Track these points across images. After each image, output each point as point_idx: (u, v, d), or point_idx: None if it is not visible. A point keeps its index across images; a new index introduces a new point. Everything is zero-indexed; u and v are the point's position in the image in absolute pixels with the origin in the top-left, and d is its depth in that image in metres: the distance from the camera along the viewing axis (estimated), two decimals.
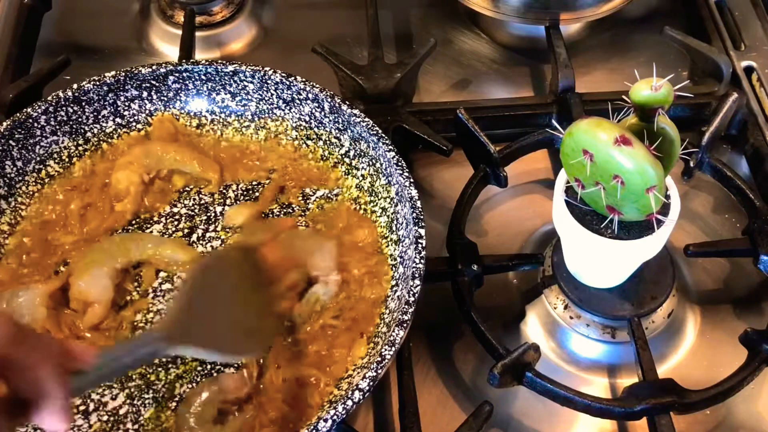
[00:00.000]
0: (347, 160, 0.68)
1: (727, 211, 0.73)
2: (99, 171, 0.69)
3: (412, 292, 0.54)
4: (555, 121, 0.75)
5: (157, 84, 0.70)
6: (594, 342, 0.64)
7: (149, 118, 0.71)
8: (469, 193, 0.68)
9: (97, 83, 0.67)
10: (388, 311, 0.59)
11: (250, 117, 0.71)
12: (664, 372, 0.62)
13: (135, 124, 0.71)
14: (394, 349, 0.52)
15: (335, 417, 0.49)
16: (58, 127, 0.67)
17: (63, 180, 0.68)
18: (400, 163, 0.62)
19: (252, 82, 0.69)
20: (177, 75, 0.70)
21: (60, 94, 0.67)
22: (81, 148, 0.69)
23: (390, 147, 0.63)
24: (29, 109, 0.65)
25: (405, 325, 0.53)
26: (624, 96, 0.51)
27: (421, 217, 0.59)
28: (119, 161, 0.68)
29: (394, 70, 0.76)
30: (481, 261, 0.63)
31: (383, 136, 0.63)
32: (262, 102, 0.70)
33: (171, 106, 0.71)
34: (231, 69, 0.69)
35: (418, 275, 0.55)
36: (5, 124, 0.64)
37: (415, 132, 0.72)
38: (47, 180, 0.68)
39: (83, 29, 0.88)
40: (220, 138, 0.71)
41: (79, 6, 0.90)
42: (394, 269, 0.62)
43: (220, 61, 0.69)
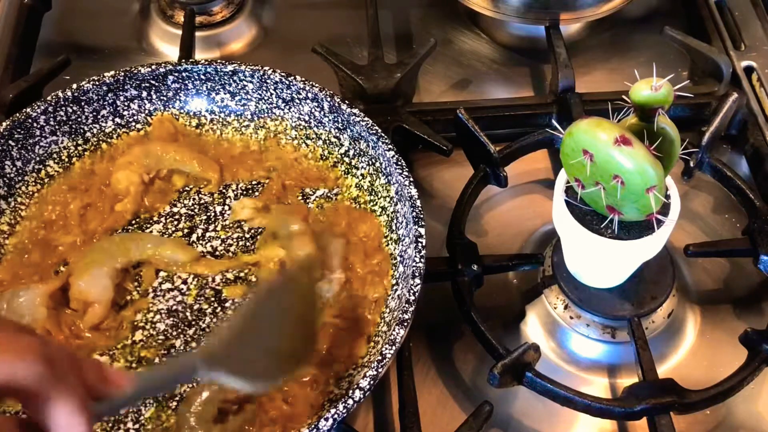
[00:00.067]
0: (347, 159, 0.68)
1: (727, 211, 0.73)
2: (99, 171, 0.69)
3: (412, 291, 0.54)
4: (555, 121, 0.75)
5: (157, 84, 0.70)
6: (594, 342, 0.64)
7: (149, 117, 0.71)
8: (469, 193, 0.68)
9: (97, 83, 0.67)
10: (388, 310, 0.59)
11: (249, 116, 0.71)
12: (664, 372, 0.62)
13: (134, 123, 0.71)
14: (394, 348, 0.52)
15: (336, 416, 0.49)
16: (57, 127, 0.67)
17: (63, 180, 0.68)
18: (399, 163, 0.62)
19: (251, 81, 0.69)
20: (176, 75, 0.70)
21: (59, 94, 0.66)
22: (80, 148, 0.69)
23: (389, 146, 0.63)
24: (29, 109, 0.65)
25: (405, 324, 0.53)
26: (624, 96, 0.51)
27: (421, 216, 0.59)
28: (119, 161, 0.68)
29: (394, 70, 0.76)
30: (481, 261, 0.63)
31: (383, 135, 0.63)
32: (261, 101, 0.70)
33: (170, 105, 0.71)
34: (230, 69, 0.69)
35: (418, 274, 0.55)
36: (5, 124, 0.64)
37: (415, 132, 0.72)
38: (47, 180, 0.67)
39: (83, 29, 0.88)
40: (219, 138, 0.71)
41: (79, 6, 0.90)
42: (394, 268, 0.62)
43: (219, 61, 0.69)
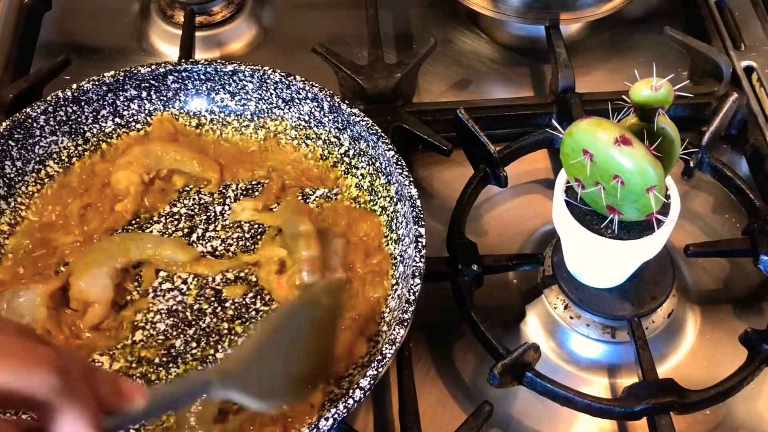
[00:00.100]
0: (347, 159, 0.68)
1: (727, 211, 0.73)
2: (99, 171, 0.69)
3: (412, 290, 0.54)
4: (555, 121, 0.75)
5: (157, 84, 0.70)
6: (594, 342, 0.64)
7: (149, 117, 0.71)
8: (469, 193, 0.67)
9: (97, 83, 0.67)
10: (388, 310, 0.59)
11: (249, 116, 0.71)
12: (664, 372, 0.62)
13: (134, 124, 0.71)
14: (394, 348, 0.52)
15: (336, 416, 0.49)
16: (57, 127, 0.67)
17: (63, 180, 0.68)
18: (399, 162, 0.62)
19: (251, 81, 0.69)
20: (176, 75, 0.70)
21: (59, 94, 0.66)
22: (80, 148, 0.69)
23: (389, 146, 0.63)
24: (28, 109, 0.65)
25: (405, 324, 0.53)
26: (624, 96, 0.51)
27: (421, 216, 0.59)
28: (119, 161, 0.68)
29: (394, 70, 0.76)
30: (481, 261, 0.63)
31: (383, 135, 0.63)
32: (261, 101, 0.70)
33: (170, 105, 0.71)
34: (230, 68, 0.69)
35: (418, 274, 0.55)
36: (5, 124, 0.64)
37: (415, 132, 0.72)
38: (47, 180, 0.67)
39: (83, 29, 0.88)
40: (219, 138, 0.71)
41: (79, 6, 0.90)
42: (394, 268, 0.62)
43: (219, 61, 0.69)
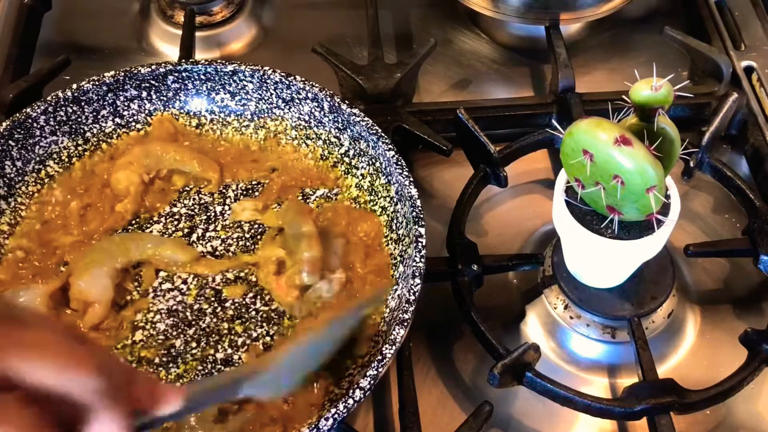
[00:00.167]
0: (347, 159, 0.68)
1: (727, 211, 0.73)
2: (99, 171, 0.69)
3: (412, 290, 0.54)
4: (555, 121, 0.75)
5: (157, 84, 0.70)
6: (594, 342, 0.64)
7: (149, 117, 0.71)
8: (469, 193, 0.67)
9: (97, 83, 0.67)
10: (388, 310, 0.59)
11: (249, 116, 0.71)
12: (664, 372, 0.62)
13: (134, 124, 0.71)
14: (394, 348, 0.52)
15: (336, 415, 0.49)
16: (57, 127, 0.67)
17: (63, 180, 0.68)
18: (399, 162, 0.62)
19: (251, 81, 0.69)
20: (176, 75, 0.70)
21: (59, 94, 0.66)
22: (80, 148, 0.69)
23: (390, 146, 0.63)
24: (28, 109, 0.65)
25: (405, 324, 0.53)
26: (624, 96, 0.51)
27: (421, 216, 0.59)
28: (119, 161, 0.68)
29: (394, 70, 0.76)
30: (481, 261, 0.63)
31: (383, 135, 0.63)
32: (261, 101, 0.70)
33: (170, 105, 0.71)
34: (230, 68, 0.69)
35: (418, 274, 0.55)
36: (5, 124, 0.64)
37: (415, 132, 0.72)
38: (47, 180, 0.67)
39: (83, 29, 0.88)
40: (219, 138, 0.71)
41: (79, 6, 0.90)
42: (394, 268, 0.62)
43: (219, 61, 0.69)
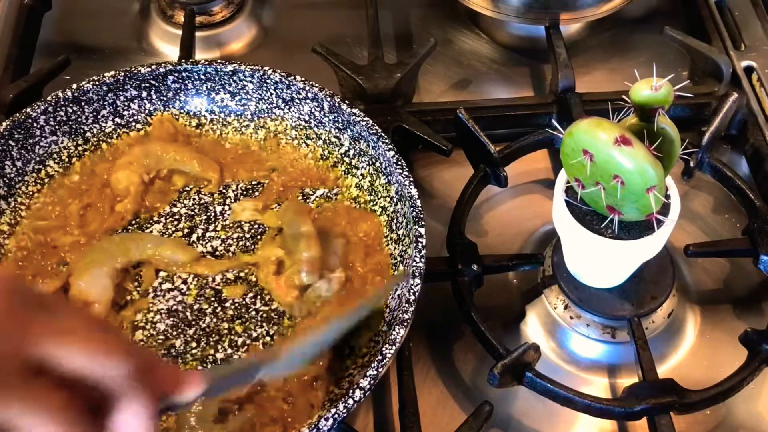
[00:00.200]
0: (347, 159, 0.68)
1: (727, 211, 0.73)
2: (99, 171, 0.69)
3: (412, 290, 0.54)
4: (555, 121, 0.75)
5: (157, 84, 0.70)
6: (594, 342, 0.64)
7: (149, 117, 0.71)
8: (469, 193, 0.67)
9: (97, 83, 0.67)
10: (388, 310, 0.59)
11: (249, 116, 0.71)
12: (664, 372, 0.62)
13: (134, 124, 0.71)
14: (394, 348, 0.52)
15: (336, 415, 0.49)
16: (57, 127, 0.67)
17: (63, 180, 0.68)
18: (399, 162, 0.62)
19: (251, 81, 0.69)
20: (176, 75, 0.70)
21: (59, 94, 0.66)
22: (80, 148, 0.69)
23: (390, 146, 0.63)
24: (28, 109, 0.65)
25: (405, 324, 0.53)
26: (624, 96, 0.51)
27: (421, 216, 0.59)
28: (119, 161, 0.68)
29: (394, 70, 0.76)
30: (481, 261, 0.63)
31: (383, 135, 0.63)
32: (261, 101, 0.70)
33: (170, 105, 0.71)
34: (230, 68, 0.69)
35: (418, 274, 0.55)
36: (5, 124, 0.64)
37: (415, 132, 0.72)
38: (47, 180, 0.67)
39: (83, 29, 0.88)
40: (219, 138, 0.71)
41: (79, 6, 0.90)
42: (394, 268, 0.62)
43: (219, 61, 0.69)
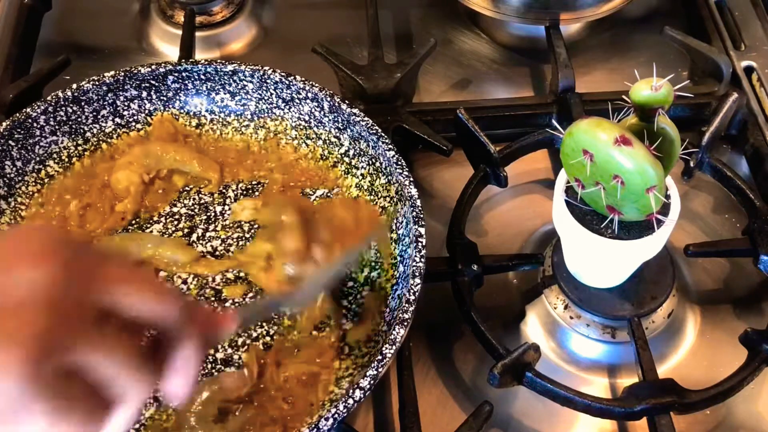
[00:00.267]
0: (347, 159, 0.68)
1: (727, 211, 0.73)
2: (99, 171, 0.69)
3: (412, 290, 0.54)
4: (555, 121, 0.75)
5: (157, 84, 0.70)
6: (594, 342, 0.64)
7: (149, 117, 0.71)
8: (469, 193, 0.67)
9: (97, 83, 0.67)
10: (388, 310, 0.59)
11: (249, 116, 0.71)
12: (664, 372, 0.62)
13: (134, 124, 0.71)
14: (394, 348, 0.52)
15: (336, 415, 0.49)
16: (57, 127, 0.67)
17: (63, 180, 0.68)
18: (399, 162, 0.62)
19: (251, 81, 0.69)
20: (176, 75, 0.70)
21: (59, 94, 0.66)
22: (80, 148, 0.69)
23: (390, 146, 0.63)
24: (28, 109, 0.65)
25: (406, 324, 0.53)
26: (624, 96, 0.51)
27: (421, 216, 0.59)
28: (119, 161, 0.68)
29: (394, 70, 0.76)
30: (481, 261, 0.63)
31: (383, 135, 0.63)
32: (261, 101, 0.70)
33: (170, 105, 0.71)
34: (230, 68, 0.69)
35: (418, 274, 0.55)
36: (5, 124, 0.64)
37: (415, 132, 0.72)
38: (47, 180, 0.67)
39: (83, 29, 0.88)
40: (219, 138, 0.71)
41: (79, 6, 0.90)
42: (394, 268, 0.62)
43: (219, 61, 0.69)
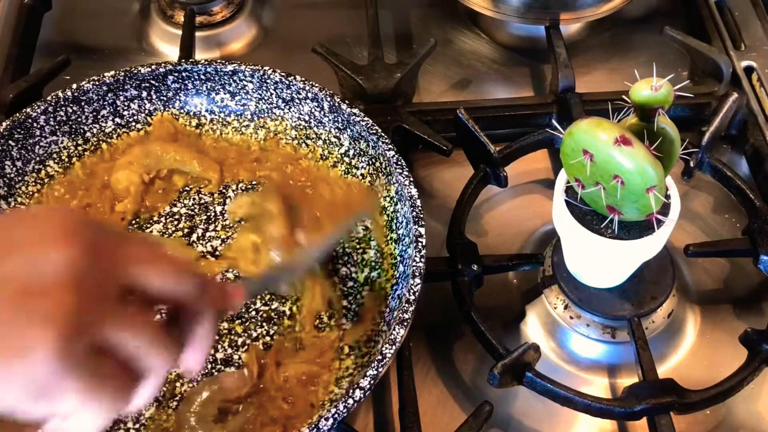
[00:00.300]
0: (347, 159, 0.68)
1: (727, 211, 0.73)
2: (99, 171, 0.68)
3: (412, 290, 0.54)
4: (555, 121, 0.75)
5: (157, 84, 0.70)
6: (594, 342, 0.64)
7: (149, 117, 0.71)
8: (469, 193, 0.67)
9: (97, 83, 0.67)
10: (388, 310, 0.59)
11: (249, 116, 0.71)
12: (664, 372, 0.62)
13: (134, 123, 0.71)
14: (394, 348, 0.52)
15: (336, 415, 0.49)
16: (57, 127, 0.67)
17: (63, 180, 0.68)
18: (399, 162, 0.62)
19: (251, 81, 0.69)
20: (176, 75, 0.70)
21: (59, 94, 0.66)
22: (80, 148, 0.69)
23: (390, 146, 0.63)
24: (28, 109, 0.65)
25: (406, 324, 0.53)
26: (624, 96, 0.51)
27: (421, 216, 0.59)
28: (119, 161, 0.68)
29: (394, 70, 0.76)
30: (481, 261, 0.63)
31: (383, 135, 0.63)
32: (261, 101, 0.70)
33: (170, 105, 0.71)
34: (230, 68, 0.69)
35: (418, 274, 0.55)
36: (5, 124, 0.64)
37: (415, 132, 0.72)
38: (47, 180, 0.67)
39: (83, 29, 0.88)
40: (219, 138, 0.71)
41: (79, 6, 0.90)
42: (394, 268, 0.62)
43: (219, 61, 0.69)
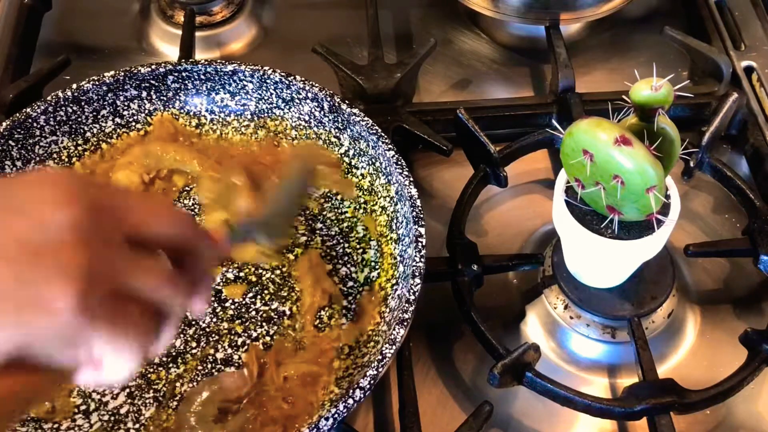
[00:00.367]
0: (347, 159, 0.68)
1: (727, 211, 0.73)
2: (99, 171, 0.68)
3: (412, 290, 0.54)
4: (555, 121, 0.75)
5: (157, 84, 0.70)
6: (594, 342, 0.64)
7: (149, 117, 0.71)
8: (469, 193, 0.67)
9: (97, 83, 0.67)
10: (388, 310, 0.59)
11: (249, 116, 0.71)
12: (664, 372, 0.62)
13: (134, 124, 0.71)
14: (394, 348, 0.52)
15: (336, 415, 0.49)
16: (57, 127, 0.67)
17: None
18: (399, 162, 0.62)
19: (251, 81, 0.69)
20: (176, 74, 0.70)
21: (59, 94, 0.66)
22: (80, 148, 0.69)
23: (390, 146, 0.63)
24: (28, 109, 0.65)
25: (406, 324, 0.53)
26: (624, 96, 0.51)
27: (421, 216, 0.59)
28: (119, 161, 0.68)
29: (394, 70, 0.76)
30: (481, 261, 0.63)
31: (383, 135, 0.63)
32: (261, 101, 0.70)
33: (170, 105, 0.71)
34: (230, 68, 0.69)
35: (418, 274, 0.55)
36: (5, 124, 0.64)
37: (415, 132, 0.72)
38: None
39: (83, 29, 0.88)
40: (219, 138, 0.71)
41: (79, 6, 0.90)
42: (394, 268, 0.62)
43: (219, 61, 0.69)
